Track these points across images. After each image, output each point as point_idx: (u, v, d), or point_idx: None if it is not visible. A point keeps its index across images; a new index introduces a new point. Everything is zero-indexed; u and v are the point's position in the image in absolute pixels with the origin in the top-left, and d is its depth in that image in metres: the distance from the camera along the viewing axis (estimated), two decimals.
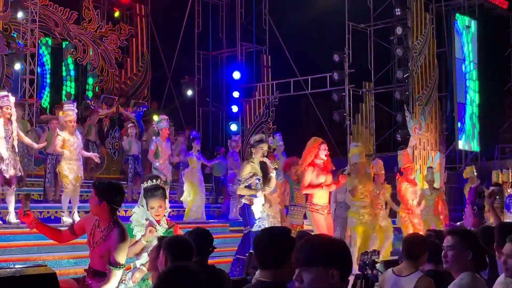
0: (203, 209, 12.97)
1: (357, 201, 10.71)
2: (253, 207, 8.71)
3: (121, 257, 4.72)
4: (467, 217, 13.86)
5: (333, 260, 2.43)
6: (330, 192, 10.29)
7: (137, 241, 5.42)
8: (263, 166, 8.82)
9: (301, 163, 9.88)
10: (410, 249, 4.61)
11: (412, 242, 4.68)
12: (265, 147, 8.91)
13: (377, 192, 11.16)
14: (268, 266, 3.04)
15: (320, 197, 9.83)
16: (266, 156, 9.13)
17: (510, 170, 14.45)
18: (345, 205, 11.11)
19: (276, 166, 9.19)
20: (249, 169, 8.74)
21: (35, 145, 10.78)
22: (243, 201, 8.79)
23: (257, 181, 8.75)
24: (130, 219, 5.70)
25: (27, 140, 10.26)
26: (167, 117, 12.87)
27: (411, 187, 11.96)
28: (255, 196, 8.71)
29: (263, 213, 8.80)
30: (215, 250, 4.64)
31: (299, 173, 10.03)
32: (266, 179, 8.84)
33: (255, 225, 8.66)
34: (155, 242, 4.91)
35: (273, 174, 8.92)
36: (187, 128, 16.38)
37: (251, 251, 7.46)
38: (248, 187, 8.75)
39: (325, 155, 9.79)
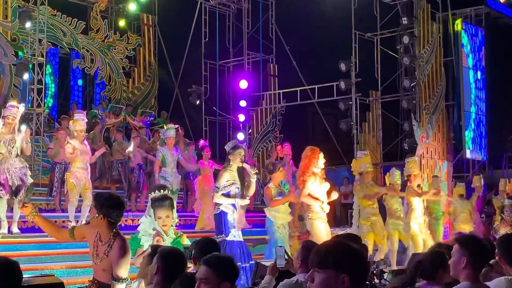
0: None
1: (367, 208, 10.83)
2: (229, 217, 8.62)
3: (123, 272, 4.72)
4: (477, 225, 13.87)
5: (345, 265, 2.46)
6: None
7: (144, 251, 5.42)
8: (241, 172, 8.76)
9: (302, 173, 9.83)
10: None
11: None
12: (242, 152, 8.83)
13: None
14: None
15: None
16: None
17: None
18: None
19: (256, 171, 9.09)
20: (227, 177, 8.64)
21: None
22: (222, 208, 8.70)
23: (237, 190, 8.65)
24: (138, 229, 5.71)
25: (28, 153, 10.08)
26: (176, 126, 12.88)
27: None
28: (235, 206, 8.63)
29: (233, 222, 8.69)
30: None
31: (299, 183, 9.98)
32: (244, 185, 8.77)
33: (230, 234, 8.59)
34: None
35: (253, 179, 8.83)
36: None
37: (258, 261, 7.45)
38: (227, 195, 8.68)
39: (323, 164, 9.81)
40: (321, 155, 9.73)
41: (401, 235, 11.42)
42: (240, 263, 8.34)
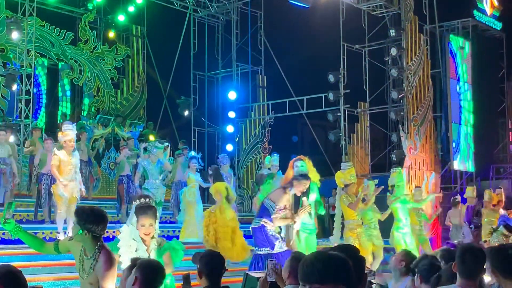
0: (199, 229, 12.85)
1: (353, 220, 10.85)
2: (268, 228, 8.59)
3: (110, 285, 4.67)
4: (466, 236, 13.88)
5: (343, 277, 2.48)
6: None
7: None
8: (294, 199, 8.74)
9: (283, 183, 9.79)
10: None
11: None
12: (307, 184, 8.71)
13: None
14: None
15: (307, 216, 9.80)
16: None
17: (502, 190, 14.54)
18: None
19: (310, 210, 9.10)
20: (284, 201, 8.68)
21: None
22: (262, 222, 8.62)
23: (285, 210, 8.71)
24: (118, 237, 5.62)
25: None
26: (165, 144, 12.88)
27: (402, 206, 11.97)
28: (271, 219, 8.63)
29: (274, 234, 8.72)
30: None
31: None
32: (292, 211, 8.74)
33: (275, 246, 8.58)
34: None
35: (301, 213, 8.80)
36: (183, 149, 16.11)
37: (247, 272, 7.42)
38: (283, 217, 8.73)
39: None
40: (300, 162, 9.50)
41: (374, 246, 11.35)
42: None
